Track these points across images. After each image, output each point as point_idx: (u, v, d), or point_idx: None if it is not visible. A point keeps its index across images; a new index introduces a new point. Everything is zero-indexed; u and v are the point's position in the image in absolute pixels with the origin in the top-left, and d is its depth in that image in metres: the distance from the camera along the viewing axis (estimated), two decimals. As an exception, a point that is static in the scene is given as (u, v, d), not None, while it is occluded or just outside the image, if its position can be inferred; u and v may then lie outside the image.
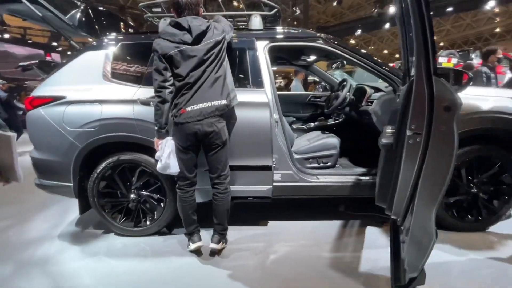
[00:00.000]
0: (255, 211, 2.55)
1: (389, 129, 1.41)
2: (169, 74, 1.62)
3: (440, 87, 0.92)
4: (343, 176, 2.14)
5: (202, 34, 1.60)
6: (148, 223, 2.14)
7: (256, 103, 1.95)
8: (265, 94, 1.97)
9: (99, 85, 2.03)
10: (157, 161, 1.73)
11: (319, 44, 2.08)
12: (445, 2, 12.66)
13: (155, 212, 2.14)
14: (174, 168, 1.70)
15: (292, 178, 2.08)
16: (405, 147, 1.07)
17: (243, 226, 2.26)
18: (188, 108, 1.60)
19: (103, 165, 2.02)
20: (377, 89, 2.51)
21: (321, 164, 2.29)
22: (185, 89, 1.61)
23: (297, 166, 2.11)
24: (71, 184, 2.07)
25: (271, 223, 2.33)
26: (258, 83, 1.99)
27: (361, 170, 2.19)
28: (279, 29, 2.23)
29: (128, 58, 2.13)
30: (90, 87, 2.03)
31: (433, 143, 0.98)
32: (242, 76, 2.05)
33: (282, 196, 2.11)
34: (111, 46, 2.10)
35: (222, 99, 1.64)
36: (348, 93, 2.47)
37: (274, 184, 2.04)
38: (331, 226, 2.24)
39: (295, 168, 2.09)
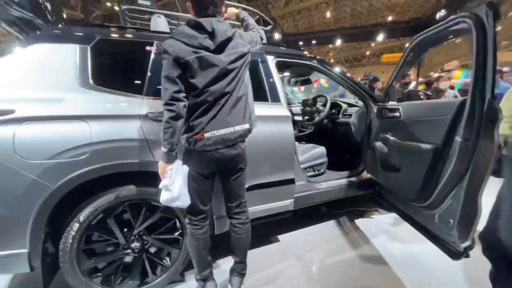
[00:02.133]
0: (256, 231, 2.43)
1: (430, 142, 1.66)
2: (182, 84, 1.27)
3: (490, 106, 1.32)
4: (338, 180, 2.41)
5: (227, 42, 1.31)
6: (158, 274, 1.63)
7: (280, 117, 1.91)
8: (284, 107, 1.97)
9: (77, 94, 1.39)
10: (160, 190, 1.35)
11: (314, 63, 2.29)
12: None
13: (165, 259, 1.66)
14: (185, 200, 1.35)
15: (305, 187, 2.16)
16: (456, 150, 1.43)
17: (255, 249, 2.11)
18: (207, 135, 1.28)
19: (90, 209, 1.39)
20: (349, 104, 2.99)
21: (316, 172, 2.49)
22: (202, 108, 1.28)
23: (305, 175, 2.22)
24: (26, 250, 1.30)
25: (280, 237, 2.30)
26: (276, 97, 1.97)
27: (346, 173, 2.55)
28: (280, 46, 2.26)
29: (115, 59, 1.58)
30: (61, 97, 1.36)
31: (480, 147, 1.37)
32: (261, 89, 1.95)
33: (298, 207, 2.14)
34: (86, 40, 1.49)
35: (245, 123, 1.39)
36: (328, 108, 2.82)
37: (295, 196, 2.06)
38: (329, 227, 2.47)
39: (306, 178, 2.19)
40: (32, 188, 1.26)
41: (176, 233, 1.65)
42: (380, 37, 17.31)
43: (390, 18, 18.18)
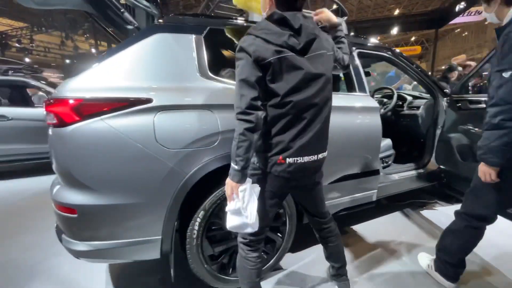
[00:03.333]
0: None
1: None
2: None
3: None
4: (408, 171, 2.44)
5: (312, 42, 1.09)
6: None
7: (369, 108, 1.93)
8: (371, 98, 1.98)
9: (199, 84, 1.41)
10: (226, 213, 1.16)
11: (388, 55, 2.29)
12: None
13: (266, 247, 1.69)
14: (256, 224, 1.12)
15: (383, 179, 2.18)
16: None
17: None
18: (289, 160, 1.08)
19: (214, 197, 1.41)
20: (414, 96, 3.00)
21: (385, 164, 2.51)
22: (283, 123, 1.07)
23: (381, 167, 2.24)
24: (159, 237, 1.33)
25: (355, 227, 2.33)
26: (362, 88, 1.98)
27: (412, 165, 2.57)
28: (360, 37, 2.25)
29: (225, 48, 1.59)
30: (187, 86, 1.37)
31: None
32: (348, 80, 1.96)
33: (378, 198, 2.16)
34: (199, 30, 1.49)
35: (325, 150, 1.20)
36: (395, 101, 2.84)
37: (378, 186, 2.08)
38: (399, 218, 2.50)
39: (381, 169, 2.21)
40: (170, 176, 1.28)
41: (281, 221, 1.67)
42: (395, 30, 17.11)
43: (397, 12, 18.02)
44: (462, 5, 12.58)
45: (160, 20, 1.46)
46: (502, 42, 1.20)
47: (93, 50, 16.93)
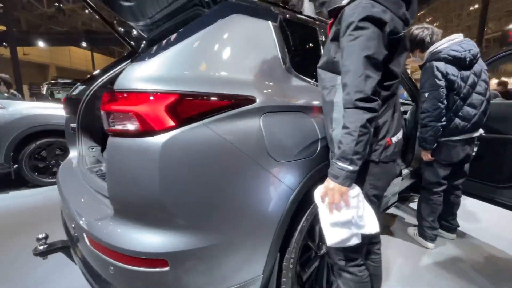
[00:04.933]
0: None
1: None
2: None
3: None
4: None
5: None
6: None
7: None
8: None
9: (287, 81, 1.16)
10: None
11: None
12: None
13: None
14: (360, 236, 0.96)
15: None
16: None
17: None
18: (393, 139, 0.98)
19: (308, 214, 1.19)
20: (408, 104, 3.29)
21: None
22: (387, 104, 0.96)
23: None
24: (260, 275, 1.02)
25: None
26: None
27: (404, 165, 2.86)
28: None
29: (299, 41, 1.37)
30: (273, 83, 1.10)
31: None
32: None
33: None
34: (274, 17, 1.23)
35: None
36: None
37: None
38: (389, 211, 2.74)
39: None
40: (279, 196, 1.00)
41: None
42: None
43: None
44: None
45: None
46: (422, 73, 1.79)
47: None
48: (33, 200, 2.91)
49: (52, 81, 6.59)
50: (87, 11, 14.28)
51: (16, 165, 3.07)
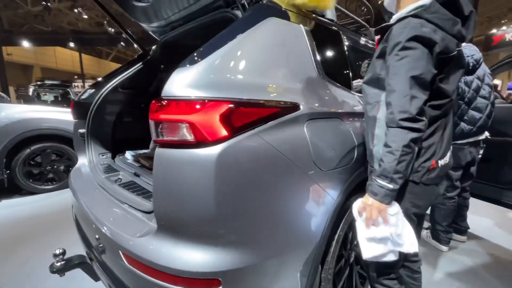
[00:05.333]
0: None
1: None
2: None
3: None
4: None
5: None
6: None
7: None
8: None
9: (321, 86, 1.13)
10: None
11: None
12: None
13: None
14: (395, 253, 0.94)
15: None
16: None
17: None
18: (441, 162, 0.94)
19: (343, 223, 1.16)
20: None
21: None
22: (437, 124, 0.92)
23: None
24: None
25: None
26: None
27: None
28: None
29: (329, 47, 1.34)
30: (310, 88, 1.06)
31: None
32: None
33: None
34: (304, 20, 1.21)
35: None
36: None
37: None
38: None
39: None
40: (324, 207, 0.97)
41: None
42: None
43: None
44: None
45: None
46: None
47: None
48: (29, 209, 2.76)
49: (39, 82, 6.24)
50: (75, 10, 13.83)
51: (8, 171, 2.91)
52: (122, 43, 15.92)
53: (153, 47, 1.92)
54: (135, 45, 1.85)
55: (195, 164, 0.70)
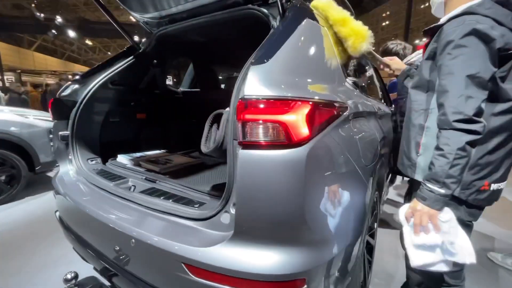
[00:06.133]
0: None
1: None
2: None
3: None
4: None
5: None
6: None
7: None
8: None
9: (347, 86, 1.19)
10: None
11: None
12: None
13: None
14: (447, 263, 0.88)
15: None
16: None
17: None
18: (494, 186, 0.88)
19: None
20: None
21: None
22: (501, 139, 0.85)
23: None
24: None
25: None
26: (388, 99, 2.30)
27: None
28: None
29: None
30: (345, 89, 1.12)
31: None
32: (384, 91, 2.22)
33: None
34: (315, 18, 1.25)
35: None
36: None
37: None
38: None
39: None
40: (367, 200, 1.04)
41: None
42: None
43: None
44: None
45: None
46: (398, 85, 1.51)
47: None
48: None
49: None
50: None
51: None
52: (53, 31, 13.75)
53: (144, 40, 1.74)
54: (125, 37, 1.65)
55: (286, 164, 0.69)
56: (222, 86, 2.99)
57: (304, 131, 0.71)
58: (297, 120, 0.69)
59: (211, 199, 1.06)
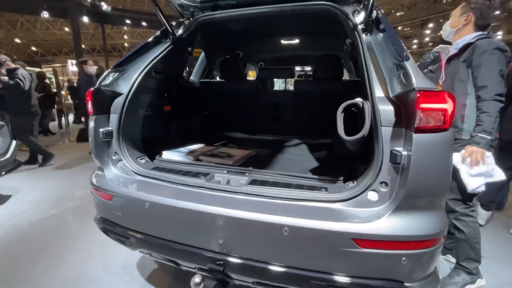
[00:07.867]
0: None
1: None
2: None
3: None
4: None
5: None
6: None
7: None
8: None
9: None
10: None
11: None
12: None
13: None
14: (485, 185, 1.33)
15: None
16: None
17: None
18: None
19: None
20: None
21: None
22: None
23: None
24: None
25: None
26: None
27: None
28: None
29: None
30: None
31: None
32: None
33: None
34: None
35: None
36: None
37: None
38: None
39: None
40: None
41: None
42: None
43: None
44: None
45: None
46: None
47: None
48: None
49: None
50: None
51: None
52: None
53: (174, 23, 1.57)
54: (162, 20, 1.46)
55: (447, 144, 0.86)
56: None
57: (451, 117, 0.88)
58: (450, 108, 0.86)
59: (325, 183, 1.13)
